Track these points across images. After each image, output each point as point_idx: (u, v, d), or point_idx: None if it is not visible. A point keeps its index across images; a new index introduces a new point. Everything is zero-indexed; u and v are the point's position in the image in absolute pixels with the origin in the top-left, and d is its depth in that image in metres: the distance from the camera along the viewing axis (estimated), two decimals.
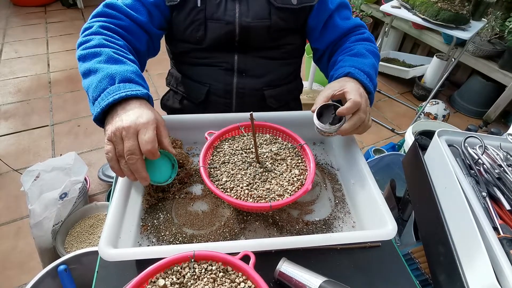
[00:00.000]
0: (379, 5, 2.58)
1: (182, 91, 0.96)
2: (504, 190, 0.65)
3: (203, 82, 0.91)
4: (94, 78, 0.60)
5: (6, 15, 3.10)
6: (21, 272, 1.32)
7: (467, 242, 0.59)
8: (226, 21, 0.80)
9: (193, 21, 0.81)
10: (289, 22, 0.83)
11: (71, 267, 1.04)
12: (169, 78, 1.02)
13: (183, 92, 0.96)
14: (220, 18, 0.80)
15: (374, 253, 0.66)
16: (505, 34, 2.03)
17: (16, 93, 2.22)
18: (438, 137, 0.75)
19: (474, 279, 0.56)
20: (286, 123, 0.76)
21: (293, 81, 0.99)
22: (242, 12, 0.80)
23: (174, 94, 1.00)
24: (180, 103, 0.98)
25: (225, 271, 0.49)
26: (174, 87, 0.99)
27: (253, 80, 0.89)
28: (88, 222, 1.36)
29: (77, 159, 1.38)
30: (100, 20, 0.72)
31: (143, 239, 0.63)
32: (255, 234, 0.66)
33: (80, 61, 0.66)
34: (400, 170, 1.40)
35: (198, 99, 0.92)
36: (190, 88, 0.94)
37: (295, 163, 0.69)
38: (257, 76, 0.90)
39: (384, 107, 2.42)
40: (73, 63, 2.54)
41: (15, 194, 1.59)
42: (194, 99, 0.94)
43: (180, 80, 0.96)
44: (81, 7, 3.31)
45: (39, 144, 1.87)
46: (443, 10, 1.74)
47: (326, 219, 0.70)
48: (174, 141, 0.78)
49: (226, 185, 0.64)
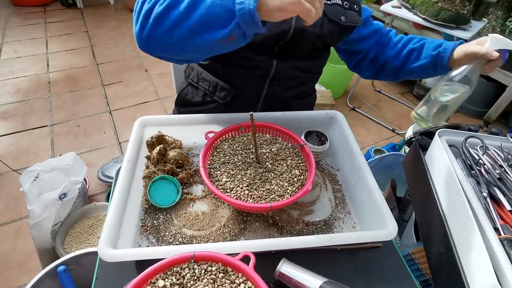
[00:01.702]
0: (380, 5, 2.58)
1: (205, 88, 0.91)
2: (505, 191, 0.65)
3: (233, 84, 0.88)
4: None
5: (5, 15, 3.10)
6: (21, 273, 1.31)
7: (468, 242, 0.58)
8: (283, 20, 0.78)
9: None
10: (334, 36, 0.85)
11: (71, 268, 1.03)
12: (188, 71, 0.96)
13: (205, 89, 0.91)
14: None
15: (375, 253, 0.66)
16: (506, 34, 2.03)
17: (15, 93, 2.21)
18: (438, 137, 0.75)
19: (474, 279, 0.55)
20: (286, 124, 0.76)
21: (313, 93, 1.04)
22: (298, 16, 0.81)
23: (194, 89, 0.95)
24: (203, 98, 0.93)
25: (225, 271, 0.49)
26: (195, 82, 0.93)
27: (283, 90, 0.90)
28: (87, 222, 1.36)
29: (76, 159, 1.38)
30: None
31: (142, 240, 0.63)
32: (255, 234, 0.65)
33: (174, 6, 0.53)
34: (400, 171, 1.40)
35: (223, 100, 0.89)
36: (216, 88, 0.89)
37: (295, 163, 0.69)
38: (288, 87, 0.90)
39: (385, 107, 2.42)
40: (72, 63, 2.54)
41: (14, 195, 1.59)
42: (219, 98, 0.90)
43: (202, 76, 0.91)
44: (80, 7, 3.31)
45: (39, 144, 1.87)
46: (443, 10, 1.73)
47: (326, 220, 0.69)
48: (174, 141, 0.77)
49: (226, 185, 0.64)
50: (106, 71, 2.49)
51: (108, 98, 2.24)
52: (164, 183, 0.69)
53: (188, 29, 0.54)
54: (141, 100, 2.25)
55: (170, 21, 0.54)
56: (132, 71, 2.51)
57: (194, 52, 0.61)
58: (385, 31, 0.95)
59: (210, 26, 0.53)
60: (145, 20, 0.56)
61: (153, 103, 2.24)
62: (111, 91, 2.30)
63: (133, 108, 2.18)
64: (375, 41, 0.93)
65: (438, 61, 0.80)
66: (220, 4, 0.51)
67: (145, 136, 0.77)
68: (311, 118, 0.84)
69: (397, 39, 0.92)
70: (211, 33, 0.53)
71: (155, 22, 0.55)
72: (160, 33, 0.56)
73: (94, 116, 2.09)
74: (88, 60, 2.59)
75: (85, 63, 2.56)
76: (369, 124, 2.25)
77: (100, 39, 2.86)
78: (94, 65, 2.54)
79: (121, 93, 2.29)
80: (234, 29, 0.52)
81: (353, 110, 2.35)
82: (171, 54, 0.62)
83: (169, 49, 0.59)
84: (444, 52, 0.79)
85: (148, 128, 0.79)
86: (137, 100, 2.25)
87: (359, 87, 2.49)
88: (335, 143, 0.84)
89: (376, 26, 0.93)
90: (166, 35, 0.56)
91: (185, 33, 0.55)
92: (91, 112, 2.12)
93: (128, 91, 2.32)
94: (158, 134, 0.75)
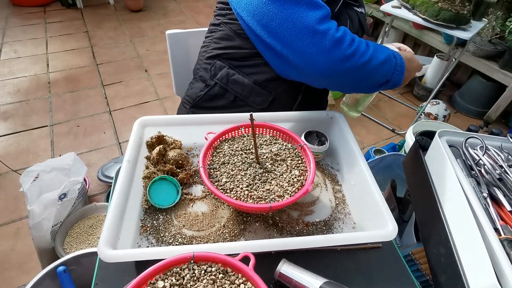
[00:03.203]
0: (379, 5, 2.58)
1: (236, 91, 0.87)
2: (505, 191, 0.65)
3: (270, 90, 0.85)
4: (389, 62, 0.72)
5: (5, 15, 3.10)
6: (20, 273, 1.31)
7: (468, 243, 0.58)
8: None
9: None
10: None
11: (70, 268, 1.03)
12: (214, 70, 0.88)
13: (237, 93, 0.87)
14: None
15: (375, 254, 0.66)
16: (506, 34, 2.02)
17: (15, 93, 2.21)
18: (438, 137, 0.75)
19: (475, 280, 0.55)
20: (286, 124, 0.76)
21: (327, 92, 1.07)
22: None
23: (224, 92, 0.88)
24: (234, 102, 0.88)
25: (224, 272, 0.49)
26: (224, 84, 0.87)
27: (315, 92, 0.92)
28: (87, 222, 1.36)
29: (76, 159, 1.38)
30: (334, 24, 0.69)
31: (142, 240, 0.63)
32: (255, 235, 0.65)
33: (373, 60, 0.69)
34: (400, 171, 1.40)
35: (259, 105, 0.87)
36: (251, 92, 0.86)
37: (295, 163, 0.69)
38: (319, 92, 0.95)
39: (385, 107, 2.42)
40: (72, 63, 2.54)
41: (14, 195, 1.59)
42: (255, 104, 0.87)
43: (233, 78, 0.86)
44: (80, 7, 3.31)
45: (38, 144, 1.87)
46: (443, 10, 1.73)
47: (326, 220, 0.69)
48: (174, 142, 0.77)
49: (226, 185, 0.63)
50: (106, 71, 2.49)
51: (108, 98, 2.24)
52: (164, 184, 0.69)
53: (360, 81, 0.71)
54: (141, 100, 2.25)
55: (366, 70, 0.69)
56: (132, 71, 2.51)
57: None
58: None
59: (370, 83, 0.72)
60: (345, 61, 0.67)
61: (153, 103, 2.24)
62: (111, 91, 2.30)
63: (133, 108, 2.18)
64: None
65: None
66: (386, 71, 0.72)
67: (145, 136, 0.77)
68: (311, 118, 0.84)
69: None
70: (368, 85, 0.73)
71: (354, 66, 0.68)
72: (346, 76, 0.69)
73: (94, 116, 2.09)
74: (88, 60, 2.59)
75: (85, 63, 2.56)
76: (369, 124, 2.25)
77: (100, 39, 2.86)
78: (94, 65, 2.54)
79: (121, 93, 2.29)
80: (384, 86, 0.74)
81: None
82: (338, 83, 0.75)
83: (337, 87, 0.76)
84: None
85: (148, 128, 0.79)
86: (137, 100, 2.25)
87: None
88: (335, 143, 0.84)
89: None
90: (347, 79, 0.71)
91: (356, 82, 0.72)
92: (91, 112, 2.12)
93: (128, 91, 2.32)
94: (158, 135, 0.75)
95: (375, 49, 0.70)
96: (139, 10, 3.37)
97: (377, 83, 0.73)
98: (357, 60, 0.66)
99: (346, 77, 0.69)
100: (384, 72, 0.71)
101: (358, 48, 0.67)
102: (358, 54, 0.67)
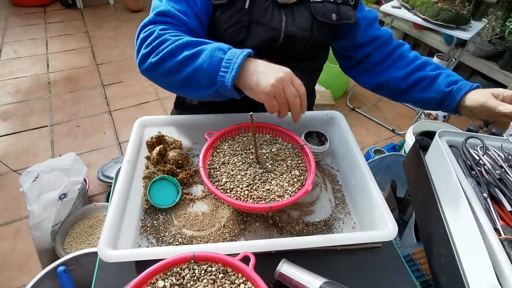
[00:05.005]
0: (379, 5, 2.58)
1: None
2: (505, 191, 0.65)
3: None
4: (203, 56, 0.62)
5: (5, 15, 3.10)
6: (20, 273, 1.31)
7: (468, 243, 0.58)
8: (273, 27, 0.78)
9: (236, 23, 0.78)
10: (327, 37, 0.84)
11: (70, 268, 1.03)
12: None
13: None
14: (267, 23, 0.78)
15: (375, 254, 0.66)
16: (506, 34, 2.02)
17: (15, 93, 2.21)
18: (439, 137, 0.74)
19: (475, 280, 0.55)
20: (286, 124, 0.76)
21: (313, 93, 1.02)
22: (288, 21, 0.79)
23: None
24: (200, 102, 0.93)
25: (225, 272, 0.49)
26: None
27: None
28: (87, 223, 1.36)
29: (76, 159, 1.38)
30: (156, 26, 0.70)
31: (142, 240, 0.63)
32: (255, 235, 0.65)
33: (168, 58, 0.65)
34: (400, 171, 1.40)
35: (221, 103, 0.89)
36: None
37: (295, 163, 0.69)
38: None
39: (385, 107, 2.42)
40: (72, 63, 2.53)
41: (14, 195, 1.59)
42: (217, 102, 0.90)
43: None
44: (80, 7, 3.31)
45: (38, 144, 1.87)
46: (443, 10, 1.73)
47: (326, 220, 0.69)
48: (174, 142, 0.77)
49: (226, 185, 0.63)
50: (106, 71, 2.49)
51: (108, 98, 2.24)
52: (164, 184, 0.69)
53: (176, 81, 0.66)
54: (141, 100, 2.25)
55: (163, 70, 0.65)
56: (132, 71, 2.51)
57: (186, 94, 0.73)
58: (392, 43, 0.88)
59: (196, 85, 0.64)
60: (142, 61, 0.69)
61: (153, 103, 2.24)
62: (111, 91, 2.30)
63: (133, 109, 2.18)
64: (371, 50, 0.87)
65: (446, 99, 0.77)
66: (207, 69, 0.61)
67: (145, 136, 0.77)
68: (311, 118, 0.84)
69: (409, 58, 0.85)
70: (196, 89, 0.65)
71: (151, 68, 0.67)
72: (155, 77, 0.69)
73: (94, 117, 2.09)
74: (88, 61, 2.59)
75: (85, 63, 2.56)
76: (369, 124, 2.25)
77: (100, 39, 2.87)
78: (94, 65, 2.54)
79: (121, 93, 2.29)
80: (215, 92, 0.63)
81: (353, 110, 2.35)
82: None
83: (165, 88, 0.71)
84: (457, 92, 0.75)
85: (148, 128, 0.79)
86: (137, 100, 2.25)
87: (359, 88, 2.49)
88: (335, 144, 0.84)
89: (378, 32, 0.87)
90: (160, 80, 0.69)
91: (174, 83, 0.67)
92: (91, 112, 2.12)
93: (128, 91, 2.32)
94: (158, 135, 0.75)
95: (183, 45, 0.64)
96: (139, 10, 3.37)
97: (205, 84, 0.63)
98: (151, 59, 0.66)
99: (157, 78, 0.69)
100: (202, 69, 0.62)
101: (155, 47, 0.66)
102: (155, 53, 0.66)
